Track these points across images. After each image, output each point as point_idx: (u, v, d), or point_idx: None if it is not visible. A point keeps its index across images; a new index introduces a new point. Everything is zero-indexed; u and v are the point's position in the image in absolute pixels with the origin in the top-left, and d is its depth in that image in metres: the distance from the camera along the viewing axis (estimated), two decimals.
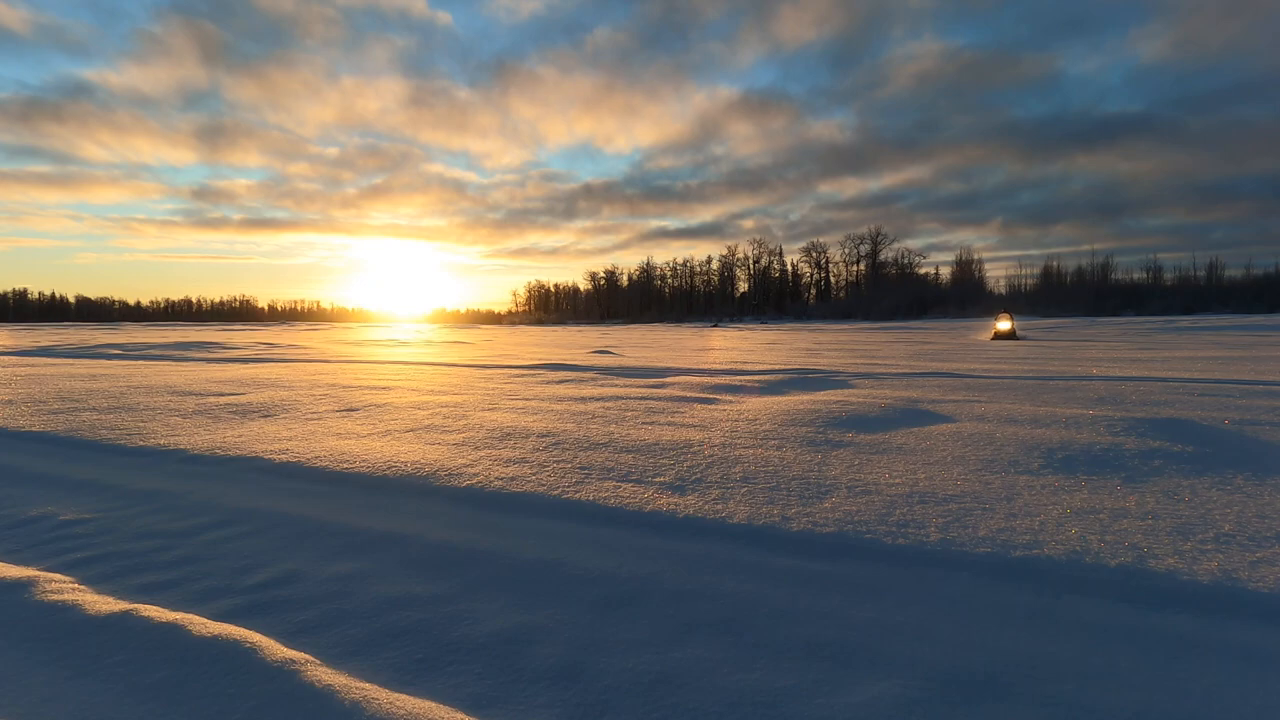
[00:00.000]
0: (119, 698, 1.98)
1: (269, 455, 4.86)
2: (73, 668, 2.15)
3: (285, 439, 5.42)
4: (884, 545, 2.97)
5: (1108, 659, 2.12)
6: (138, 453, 5.20)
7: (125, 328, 75.17)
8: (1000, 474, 4.08)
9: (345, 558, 3.11)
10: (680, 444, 4.93)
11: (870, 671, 2.06)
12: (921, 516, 3.30)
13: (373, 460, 4.61)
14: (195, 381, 9.89)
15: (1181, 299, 72.29)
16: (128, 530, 3.56)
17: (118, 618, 2.36)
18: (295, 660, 2.06)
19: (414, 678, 2.10)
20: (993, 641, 2.23)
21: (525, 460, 4.58)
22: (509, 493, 3.88)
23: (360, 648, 2.28)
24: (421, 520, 3.59)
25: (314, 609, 2.58)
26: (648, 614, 2.47)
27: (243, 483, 4.42)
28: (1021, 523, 3.20)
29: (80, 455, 5.27)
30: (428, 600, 2.63)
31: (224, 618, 2.49)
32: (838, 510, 3.42)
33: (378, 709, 1.82)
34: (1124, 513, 3.33)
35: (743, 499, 3.64)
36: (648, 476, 4.13)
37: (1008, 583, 2.66)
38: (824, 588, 2.66)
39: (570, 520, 3.54)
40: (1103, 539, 2.97)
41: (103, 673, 2.11)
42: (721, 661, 2.13)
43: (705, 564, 2.92)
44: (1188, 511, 3.34)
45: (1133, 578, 2.58)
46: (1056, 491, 3.71)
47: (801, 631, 2.31)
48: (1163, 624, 2.32)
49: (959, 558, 2.83)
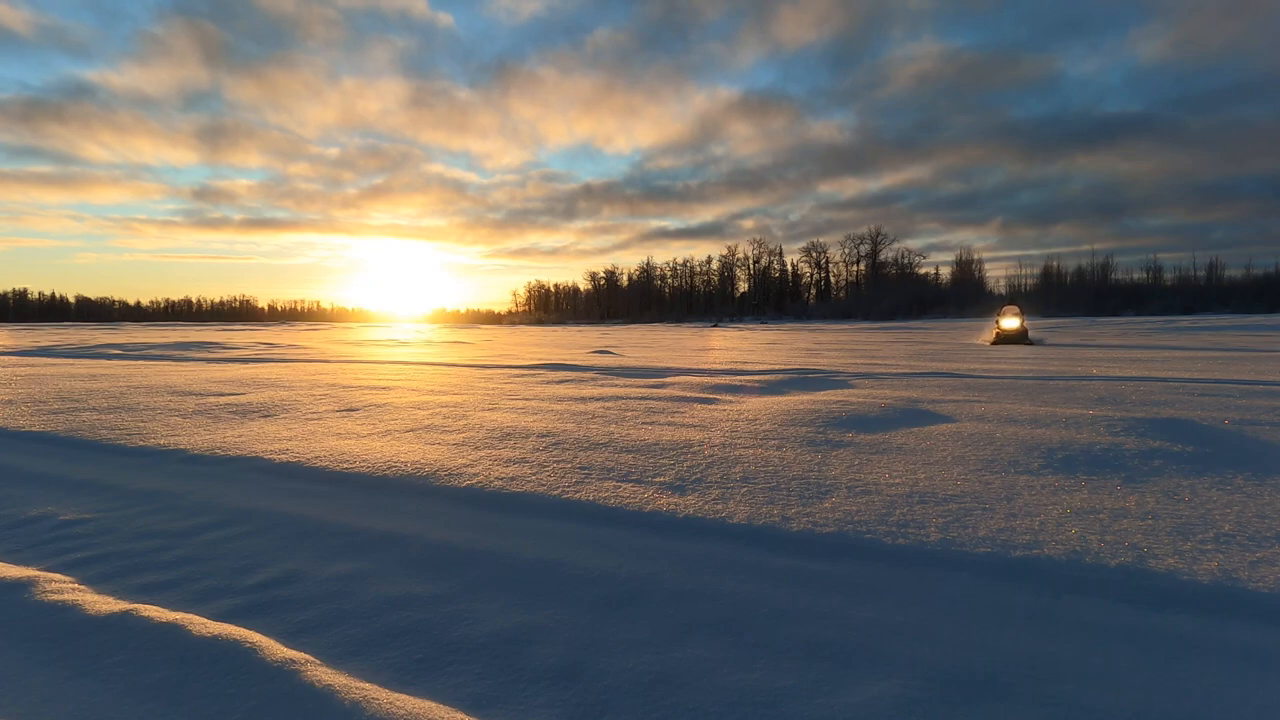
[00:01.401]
0: (119, 698, 1.98)
1: (269, 455, 4.85)
2: (73, 668, 2.15)
3: (285, 439, 5.42)
4: (884, 545, 2.97)
5: (1107, 659, 2.12)
6: (138, 453, 5.20)
7: (125, 328, 75.18)
8: (1000, 474, 4.08)
9: (345, 557, 3.11)
10: (680, 444, 4.93)
11: (870, 671, 2.06)
12: (922, 516, 3.30)
13: (373, 460, 4.61)
14: (194, 381, 9.89)
15: (1181, 299, 72.33)
16: (127, 530, 3.56)
17: (118, 618, 2.36)
18: (295, 660, 2.06)
19: (414, 678, 2.10)
20: (993, 641, 2.23)
21: (525, 460, 4.58)
22: (509, 492, 3.88)
23: (360, 647, 2.28)
24: (421, 520, 3.59)
25: (314, 609, 2.58)
26: (648, 614, 2.47)
27: (243, 483, 4.42)
28: (1022, 523, 3.20)
29: (80, 455, 5.27)
30: (428, 600, 2.63)
31: (223, 618, 2.49)
32: (837, 510, 3.41)
33: (378, 709, 1.82)
34: (1124, 513, 3.33)
35: (743, 499, 3.63)
36: (648, 477, 4.13)
37: (1008, 583, 2.66)
38: (824, 587, 2.66)
39: (570, 520, 3.54)
40: (1102, 539, 2.97)
41: (103, 673, 2.11)
42: (721, 661, 2.13)
43: (705, 564, 2.92)
44: (1188, 512, 3.34)
45: (1133, 578, 2.58)
46: (1056, 491, 3.71)
47: (801, 631, 2.31)
48: (1163, 624, 2.32)
49: (958, 558, 2.83)
